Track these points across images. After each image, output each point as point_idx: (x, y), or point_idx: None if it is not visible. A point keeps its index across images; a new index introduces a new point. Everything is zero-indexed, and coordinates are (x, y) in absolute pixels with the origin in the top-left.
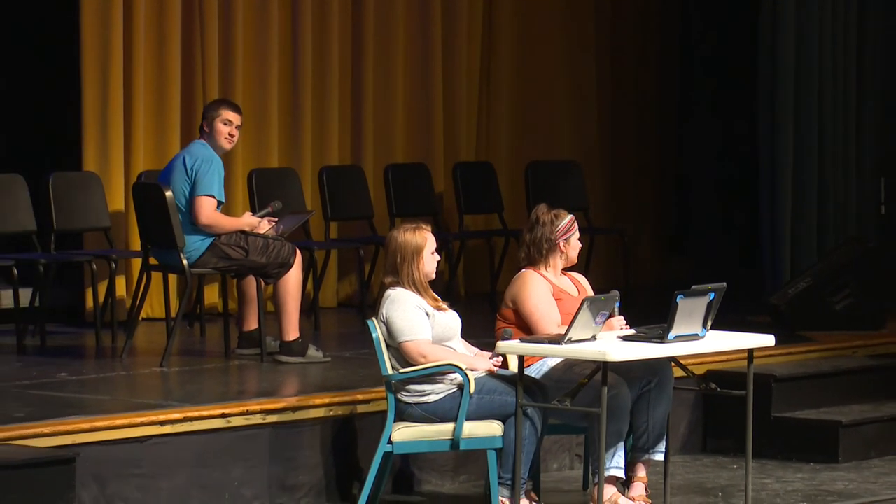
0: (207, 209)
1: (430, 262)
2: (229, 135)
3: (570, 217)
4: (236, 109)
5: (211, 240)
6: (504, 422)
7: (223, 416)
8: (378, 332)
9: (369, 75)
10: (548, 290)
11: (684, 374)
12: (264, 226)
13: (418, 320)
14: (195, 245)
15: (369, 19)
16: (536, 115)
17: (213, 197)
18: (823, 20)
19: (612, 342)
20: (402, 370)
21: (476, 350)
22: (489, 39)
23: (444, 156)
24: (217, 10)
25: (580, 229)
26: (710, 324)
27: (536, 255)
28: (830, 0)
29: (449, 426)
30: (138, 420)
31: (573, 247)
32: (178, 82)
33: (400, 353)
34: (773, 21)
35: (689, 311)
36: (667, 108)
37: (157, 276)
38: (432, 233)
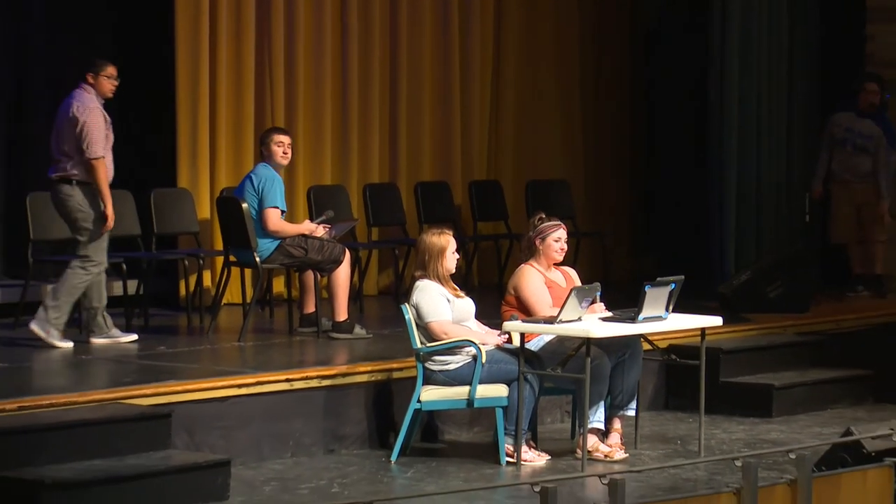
0: (274, 218)
1: (451, 259)
2: (283, 153)
3: (552, 223)
4: (284, 132)
5: (278, 242)
6: (509, 385)
7: (287, 380)
8: (409, 315)
9: (402, 111)
10: (541, 280)
11: (651, 348)
12: (320, 231)
13: (441, 305)
14: (265, 246)
15: (403, 63)
16: (534, 142)
17: (277, 207)
18: (761, 63)
19: (594, 322)
20: (428, 344)
21: (487, 328)
22: (497, 79)
23: (462, 175)
24: (283, 56)
25: (569, 234)
26: (671, 308)
27: (528, 254)
28: (766, 48)
29: (465, 389)
30: (220, 384)
31: (547, 245)
32: (251, 116)
33: (427, 331)
34: (721, 67)
35: (655, 298)
36: (637, 134)
37: (235, 271)
38: (453, 236)
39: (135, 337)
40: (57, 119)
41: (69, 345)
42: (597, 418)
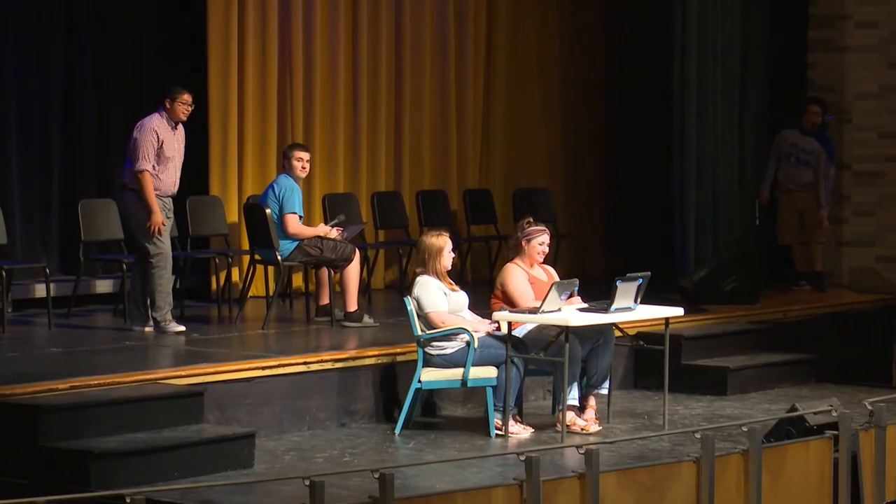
0: (293, 223)
1: (447, 257)
2: (302, 167)
3: (538, 228)
4: (305, 149)
5: (297, 243)
6: (498, 367)
7: (305, 363)
8: (411, 306)
9: (406, 128)
10: (524, 277)
11: (622, 335)
12: (334, 233)
13: (439, 297)
14: (286, 247)
15: (406, 85)
16: (520, 154)
17: (296, 213)
18: (716, 87)
19: (572, 313)
20: (427, 332)
21: (479, 318)
22: (487, 101)
23: (457, 184)
24: (301, 81)
25: (550, 236)
26: (639, 299)
27: (514, 252)
28: (721, 73)
29: (460, 370)
30: (247, 366)
31: (532, 247)
32: (274, 132)
33: (426, 320)
34: (682, 93)
35: (625, 291)
36: (611, 147)
37: (259, 268)
38: (449, 237)
39: (183, 328)
40: None
41: (182, 328)
42: (573, 396)
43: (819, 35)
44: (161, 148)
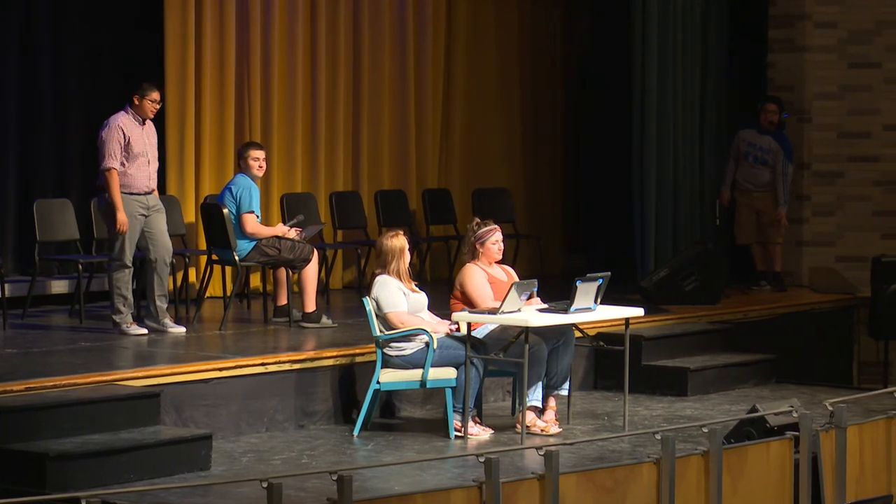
0: (250, 222)
1: (404, 257)
2: (259, 167)
3: (488, 228)
4: (259, 147)
5: (255, 243)
6: (457, 368)
7: (263, 364)
8: (370, 307)
9: (364, 128)
10: (483, 277)
11: (582, 335)
12: (292, 233)
13: (398, 298)
14: (243, 246)
15: (364, 84)
16: (479, 153)
17: (253, 212)
18: (676, 87)
19: (532, 313)
20: (386, 332)
21: (438, 318)
22: (447, 99)
23: (416, 184)
24: (259, 79)
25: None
26: (599, 300)
27: (470, 257)
28: (682, 73)
29: (419, 371)
30: (204, 367)
31: (487, 248)
32: (232, 132)
33: (385, 321)
34: (642, 91)
35: (585, 292)
36: (570, 146)
37: (217, 268)
38: (407, 238)
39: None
40: None
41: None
42: (534, 397)
43: (779, 35)
44: (129, 145)
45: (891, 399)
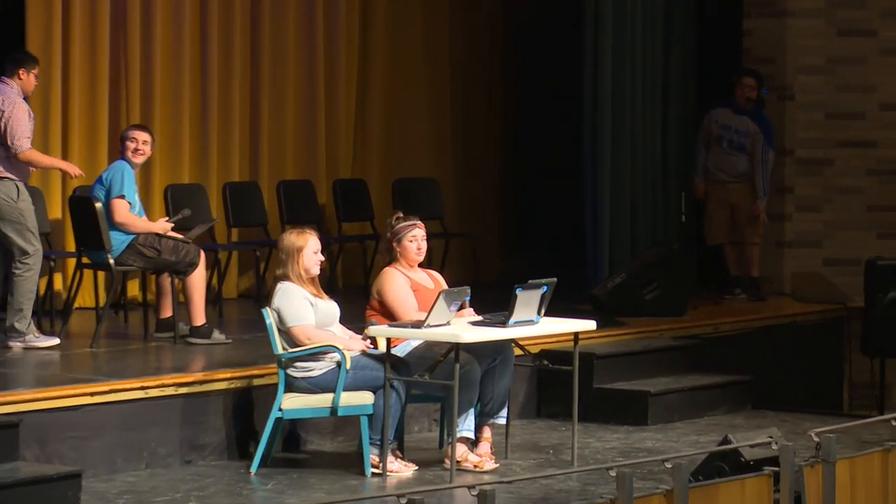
0: (121, 210)
1: (309, 258)
2: (135, 149)
3: (406, 224)
4: (141, 129)
5: (129, 240)
6: (374, 392)
7: (142, 388)
8: (271, 319)
9: (265, 107)
10: (406, 283)
11: (522, 353)
12: (168, 230)
13: (304, 309)
14: (116, 243)
15: (265, 59)
16: (402, 139)
17: (124, 197)
18: (635, 60)
19: (463, 327)
20: (290, 350)
21: (351, 333)
22: (363, 76)
23: (326, 173)
24: (139, 53)
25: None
26: (543, 311)
27: (387, 257)
28: (641, 44)
29: (329, 396)
30: (72, 391)
31: (404, 247)
32: (105, 114)
33: (289, 336)
34: (594, 64)
35: (526, 301)
36: (509, 132)
37: (88, 273)
38: (317, 237)
39: (57, 341)
40: None
41: (54, 341)
42: (466, 426)
43: None
44: (31, 125)
45: (887, 428)
